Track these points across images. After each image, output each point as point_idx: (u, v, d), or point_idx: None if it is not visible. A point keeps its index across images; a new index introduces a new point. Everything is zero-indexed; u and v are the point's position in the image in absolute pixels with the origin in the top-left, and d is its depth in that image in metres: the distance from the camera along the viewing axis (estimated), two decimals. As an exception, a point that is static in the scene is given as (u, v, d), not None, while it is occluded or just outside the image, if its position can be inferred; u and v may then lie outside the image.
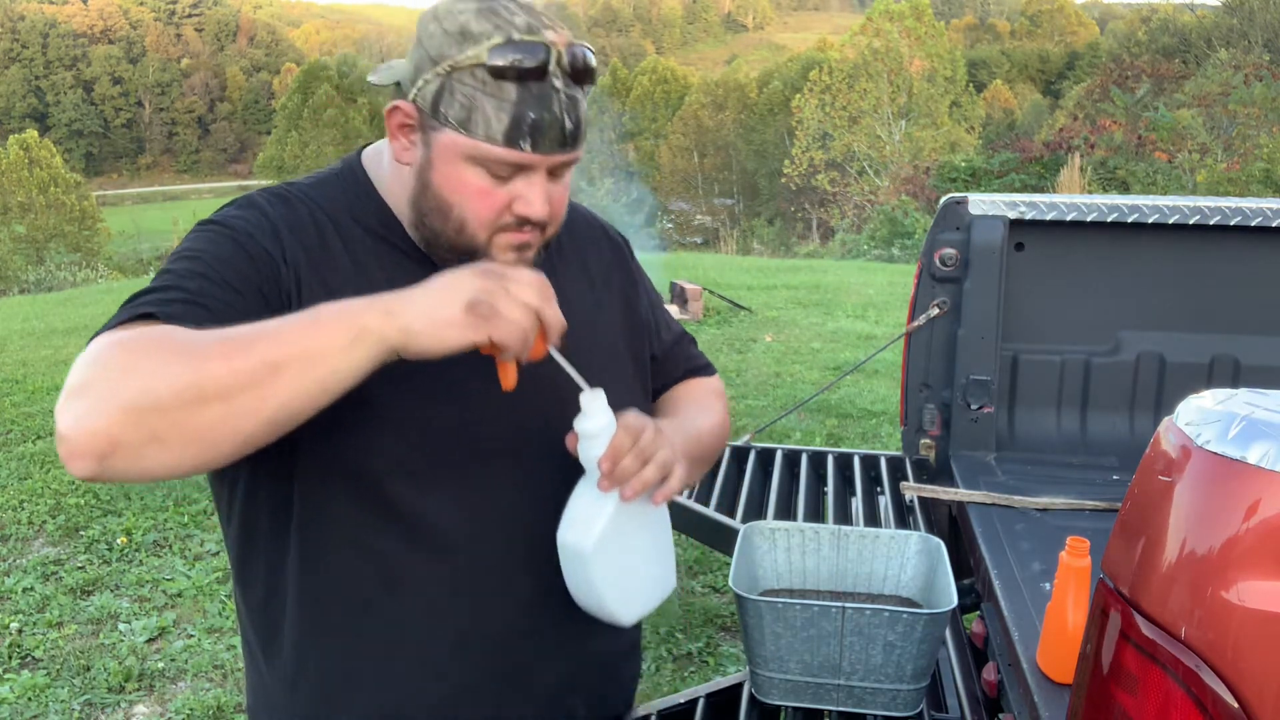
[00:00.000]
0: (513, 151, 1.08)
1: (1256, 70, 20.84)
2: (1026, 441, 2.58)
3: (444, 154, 1.10)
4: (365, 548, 1.17)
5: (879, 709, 1.64)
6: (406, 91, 1.11)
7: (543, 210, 1.12)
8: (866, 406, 6.14)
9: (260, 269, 1.10)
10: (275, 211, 1.16)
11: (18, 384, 6.94)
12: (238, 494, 1.21)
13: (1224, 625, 0.88)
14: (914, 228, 18.21)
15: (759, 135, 48.00)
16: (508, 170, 1.10)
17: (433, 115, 1.09)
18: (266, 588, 1.22)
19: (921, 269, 2.56)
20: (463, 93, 1.07)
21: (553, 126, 1.08)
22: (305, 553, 1.18)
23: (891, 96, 37.12)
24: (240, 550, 1.25)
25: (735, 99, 50.85)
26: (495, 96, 1.06)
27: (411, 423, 1.15)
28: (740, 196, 49.31)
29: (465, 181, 1.11)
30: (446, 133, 1.09)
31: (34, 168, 34.97)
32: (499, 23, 1.07)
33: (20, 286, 19.36)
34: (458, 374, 1.15)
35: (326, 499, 1.17)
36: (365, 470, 1.15)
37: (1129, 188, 16.67)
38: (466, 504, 1.19)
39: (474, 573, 1.20)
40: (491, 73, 1.06)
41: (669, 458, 1.15)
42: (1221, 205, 2.43)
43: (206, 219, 1.17)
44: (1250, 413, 0.91)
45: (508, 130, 1.07)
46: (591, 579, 1.15)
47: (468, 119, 1.07)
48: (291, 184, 1.24)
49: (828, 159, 36.63)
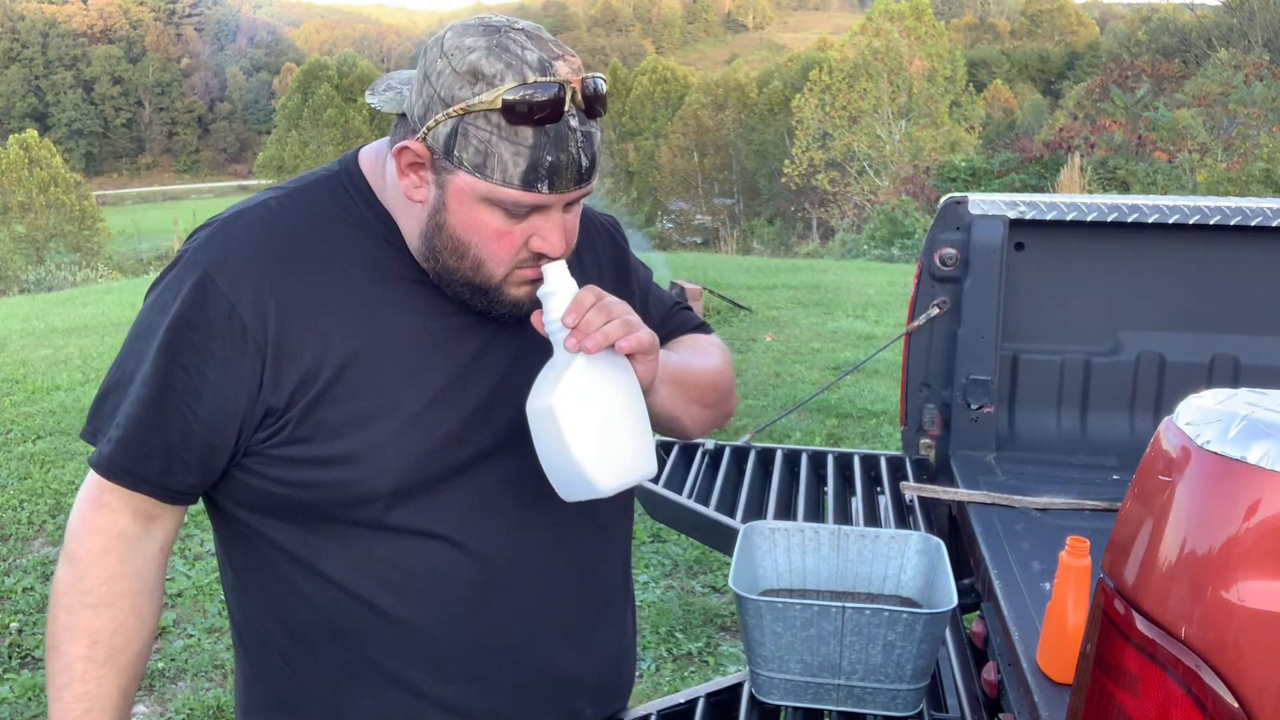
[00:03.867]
0: (530, 194, 1.07)
1: (1256, 70, 20.84)
2: (1026, 441, 2.57)
3: (459, 196, 1.09)
4: (371, 571, 1.17)
5: (879, 709, 1.64)
6: (415, 128, 1.09)
7: (560, 247, 1.12)
8: (866, 406, 6.14)
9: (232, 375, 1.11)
10: (227, 285, 1.11)
11: (18, 384, 6.94)
12: (234, 531, 1.22)
13: (1224, 625, 0.88)
14: (914, 228, 18.21)
15: (759, 135, 47.97)
16: (524, 210, 1.09)
17: (445, 157, 1.07)
18: (267, 608, 1.23)
19: (921, 269, 2.56)
20: (477, 137, 1.05)
21: (569, 166, 1.07)
22: (308, 580, 1.19)
23: (891, 96, 37.11)
24: (234, 578, 1.25)
25: (735, 99, 50.83)
26: (511, 141, 1.05)
27: (399, 454, 1.14)
28: (740, 196, 49.30)
29: (482, 223, 1.10)
30: (461, 175, 1.07)
31: (34, 167, 34.94)
32: (511, 61, 1.04)
33: (20, 286, 19.36)
34: (436, 386, 1.16)
35: (327, 544, 1.17)
36: (360, 517, 1.16)
37: (1129, 188, 16.67)
38: (465, 512, 1.19)
39: (482, 580, 1.20)
40: (507, 118, 1.04)
41: (635, 320, 1.13)
42: (1221, 205, 2.43)
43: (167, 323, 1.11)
44: (1250, 412, 0.91)
45: (525, 174, 1.06)
46: (562, 437, 1.09)
47: (483, 164, 1.06)
48: (281, 194, 1.20)
49: (828, 159, 36.60)
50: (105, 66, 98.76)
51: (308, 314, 1.13)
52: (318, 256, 1.15)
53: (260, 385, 1.11)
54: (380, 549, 1.17)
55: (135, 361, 1.14)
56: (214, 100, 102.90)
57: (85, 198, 36.54)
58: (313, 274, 1.14)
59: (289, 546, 1.18)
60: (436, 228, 1.11)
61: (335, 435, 1.13)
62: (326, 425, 1.13)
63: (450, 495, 1.18)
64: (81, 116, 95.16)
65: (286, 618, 1.22)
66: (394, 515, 1.16)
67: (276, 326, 1.11)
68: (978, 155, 24.33)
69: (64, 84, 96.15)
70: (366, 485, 1.14)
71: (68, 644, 1.15)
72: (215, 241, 1.15)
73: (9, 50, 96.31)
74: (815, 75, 39.16)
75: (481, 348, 1.20)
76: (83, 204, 35.56)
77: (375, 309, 1.16)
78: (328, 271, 1.15)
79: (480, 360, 1.20)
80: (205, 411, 1.12)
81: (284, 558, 1.19)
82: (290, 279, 1.13)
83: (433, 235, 1.12)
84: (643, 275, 1.44)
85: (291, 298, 1.12)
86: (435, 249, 1.13)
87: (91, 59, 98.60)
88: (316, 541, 1.17)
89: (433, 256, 1.14)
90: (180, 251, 1.17)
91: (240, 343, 1.11)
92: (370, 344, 1.14)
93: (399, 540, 1.17)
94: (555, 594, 1.24)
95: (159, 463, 1.13)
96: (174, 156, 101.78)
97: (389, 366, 1.15)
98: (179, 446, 1.13)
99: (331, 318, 1.13)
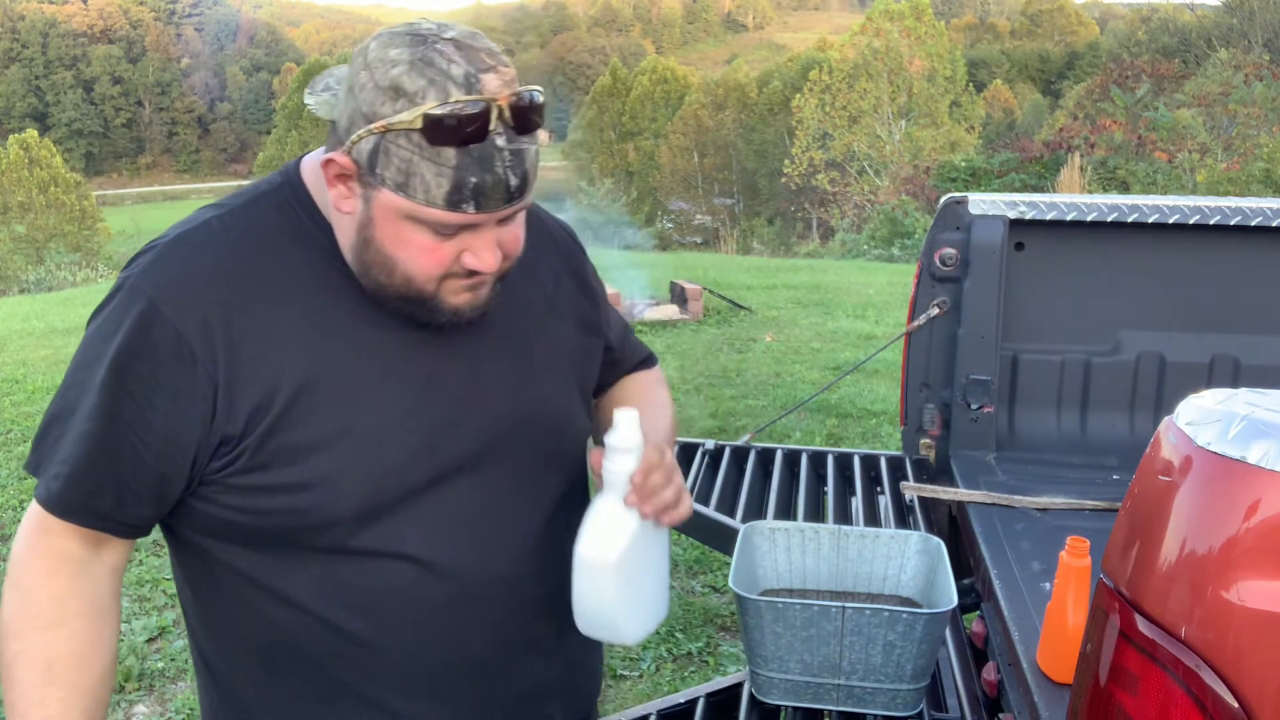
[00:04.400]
0: (455, 215, 1.03)
1: (1256, 70, 20.84)
2: (1026, 441, 2.57)
3: (383, 213, 1.05)
4: (335, 594, 1.15)
5: (879, 709, 1.64)
6: (341, 139, 1.05)
7: (493, 264, 1.08)
8: (866, 406, 6.14)
9: (183, 404, 1.08)
10: (173, 312, 1.08)
11: (18, 384, 6.94)
12: (192, 556, 1.20)
13: (1224, 625, 0.88)
14: (914, 228, 18.20)
15: (759, 135, 47.96)
16: (452, 229, 1.05)
17: (369, 173, 1.03)
18: (230, 633, 1.21)
19: (921, 269, 2.56)
20: (399, 155, 1.01)
21: (496, 187, 1.03)
22: (272, 605, 1.17)
23: (891, 96, 37.11)
24: (195, 603, 1.23)
25: (735, 99, 50.81)
26: (434, 161, 1.00)
27: (361, 476, 1.12)
28: (740, 196, 49.28)
29: (408, 239, 1.06)
30: (385, 192, 1.03)
31: (34, 167, 34.92)
32: (434, 77, 0.99)
33: (20, 286, 19.35)
34: (395, 404, 1.14)
35: (289, 568, 1.15)
36: (324, 542, 1.13)
37: (1129, 188, 16.66)
38: (429, 530, 1.16)
39: (449, 597, 1.18)
40: (428, 138, 0.99)
41: (682, 483, 1.17)
42: (1221, 205, 2.43)
43: (111, 353, 1.08)
44: (1250, 413, 0.91)
45: (449, 195, 1.01)
46: (609, 593, 1.15)
47: (406, 183, 1.01)
48: (224, 212, 1.16)
49: (828, 159, 36.60)
50: (105, 66, 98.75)
51: (259, 338, 1.09)
52: (266, 277, 1.12)
53: (213, 414, 1.08)
54: (344, 572, 1.14)
55: (79, 392, 1.10)
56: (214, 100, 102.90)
57: (85, 198, 36.51)
58: (262, 295, 1.11)
59: (250, 572, 1.15)
60: (365, 242, 1.08)
61: (294, 461, 1.10)
62: (285, 451, 1.09)
63: (414, 514, 1.15)
64: (81, 116, 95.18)
65: (251, 642, 1.19)
66: (358, 539, 1.13)
67: (227, 353, 1.08)
68: (978, 155, 24.32)
69: (64, 84, 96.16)
70: (328, 510, 1.11)
71: (22, 671, 1.10)
72: (158, 267, 1.11)
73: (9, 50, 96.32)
74: (815, 75, 39.16)
75: (439, 360, 1.17)
76: (83, 204, 35.53)
77: (328, 328, 1.12)
78: (277, 292, 1.11)
79: (439, 374, 1.17)
80: (157, 442, 1.09)
81: (245, 583, 1.16)
82: (238, 302, 1.09)
83: (361, 250, 1.09)
84: (601, 291, 1.41)
85: (241, 322, 1.09)
86: (365, 263, 1.09)
87: (91, 59, 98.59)
88: (278, 565, 1.14)
89: (364, 272, 1.10)
90: (122, 278, 1.13)
91: (190, 371, 1.07)
92: (325, 365, 1.11)
93: (363, 562, 1.14)
94: (522, 607, 1.22)
95: (111, 497, 1.11)
96: (174, 156, 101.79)
97: (346, 387, 1.12)
98: (130, 479, 1.10)
99: (284, 340, 1.10)
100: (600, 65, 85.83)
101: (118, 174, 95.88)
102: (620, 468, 1.14)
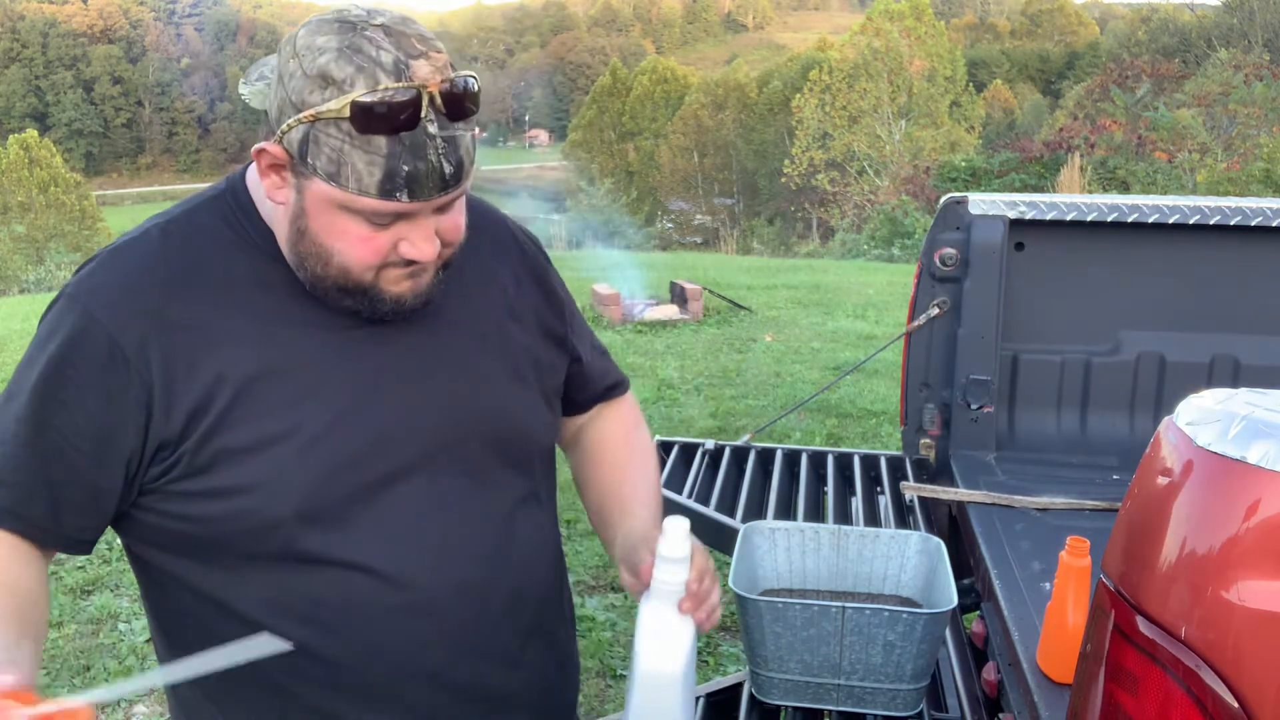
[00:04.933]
0: (389, 203, 1.02)
1: (1256, 70, 20.85)
2: (1026, 441, 2.58)
3: (316, 202, 1.04)
4: (287, 606, 1.13)
5: (879, 709, 1.64)
6: (273, 129, 1.04)
7: (430, 253, 1.07)
8: (866, 406, 6.14)
9: (117, 410, 1.07)
10: (107, 317, 1.07)
11: (18, 384, 6.93)
12: (147, 574, 1.19)
13: (1224, 625, 0.88)
14: (914, 228, 18.19)
15: (759, 135, 47.98)
16: (388, 218, 1.04)
17: (301, 162, 1.02)
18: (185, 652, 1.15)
19: (921, 269, 2.56)
20: (329, 144, 0.99)
21: (430, 175, 1.01)
22: (221, 620, 1.14)
23: (891, 96, 37.10)
24: (154, 623, 1.23)
25: (735, 99, 50.82)
26: (364, 150, 0.99)
27: (300, 477, 1.10)
28: (740, 196, 49.29)
29: (343, 230, 1.04)
30: (317, 182, 1.02)
31: (34, 167, 34.91)
32: (362, 64, 0.98)
33: (20, 286, 19.33)
34: (337, 404, 1.12)
35: (238, 580, 1.13)
36: (268, 548, 1.11)
37: (1129, 188, 16.65)
38: (381, 538, 1.14)
39: (403, 606, 1.15)
40: (357, 126, 0.98)
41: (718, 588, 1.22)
42: (1221, 205, 2.43)
43: (45, 359, 1.07)
44: (1250, 413, 0.91)
45: (381, 183, 1.00)
46: (674, 702, 1.18)
47: (337, 172, 1.00)
48: (165, 220, 1.15)
49: (828, 159, 36.60)
50: (105, 66, 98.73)
51: (196, 342, 1.08)
52: (204, 282, 1.11)
53: (149, 419, 1.07)
54: (293, 582, 1.12)
55: (10, 396, 1.09)
56: (214, 100, 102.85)
57: (85, 198, 36.51)
58: (199, 300, 1.10)
59: (198, 585, 1.14)
60: (299, 233, 1.07)
61: (234, 463, 1.08)
62: (224, 454, 1.08)
63: (363, 519, 1.13)
64: (81, 116, 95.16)
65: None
66: (304, 544, 1.11)
67: (162, 358, 1.07)
68: (978, 155, 24.30)
69: (64, 84, 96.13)
70: (269, 511, 1.09)
71: None
72: (97, 274, 1.11)
73: (9, 50, 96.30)
74: (815, 75, 39.15)
75: (384, 361, 1.15)
76: (83, 204, 35.53)
77: (269, 329, 1.11)
78: (215, 296, 1.10)
79: (383, 375, 1.15)
80: (89, 448, 1.07)
81: (193, 598, 1.14)
82: (175, 308, 1.08)
83: (296, 241, 1.08)
84: (569, 302, 1.39)
85: (176, 327, 1.08)
86: (300, 254, 1.08)
87: (91, 59, 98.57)
88: (226, 579, 1.13)
89: (300, 264, 1.09)
90: (65, 286, 1.13)
91: (123, 376, 1.06)
92: (265, 366, 1.10)
93: (312, 572, 1.12)
94: (480, 615, 1.20)
95: (44, 505, 1.08)
96: (174, 156, 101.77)
97: (287, 388, 1.10)
98: (64, 486, 1.08)
99: (222, 343, 1.09)
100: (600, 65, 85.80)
101: (118, 174, 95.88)
102: (673, 577, 1.17)
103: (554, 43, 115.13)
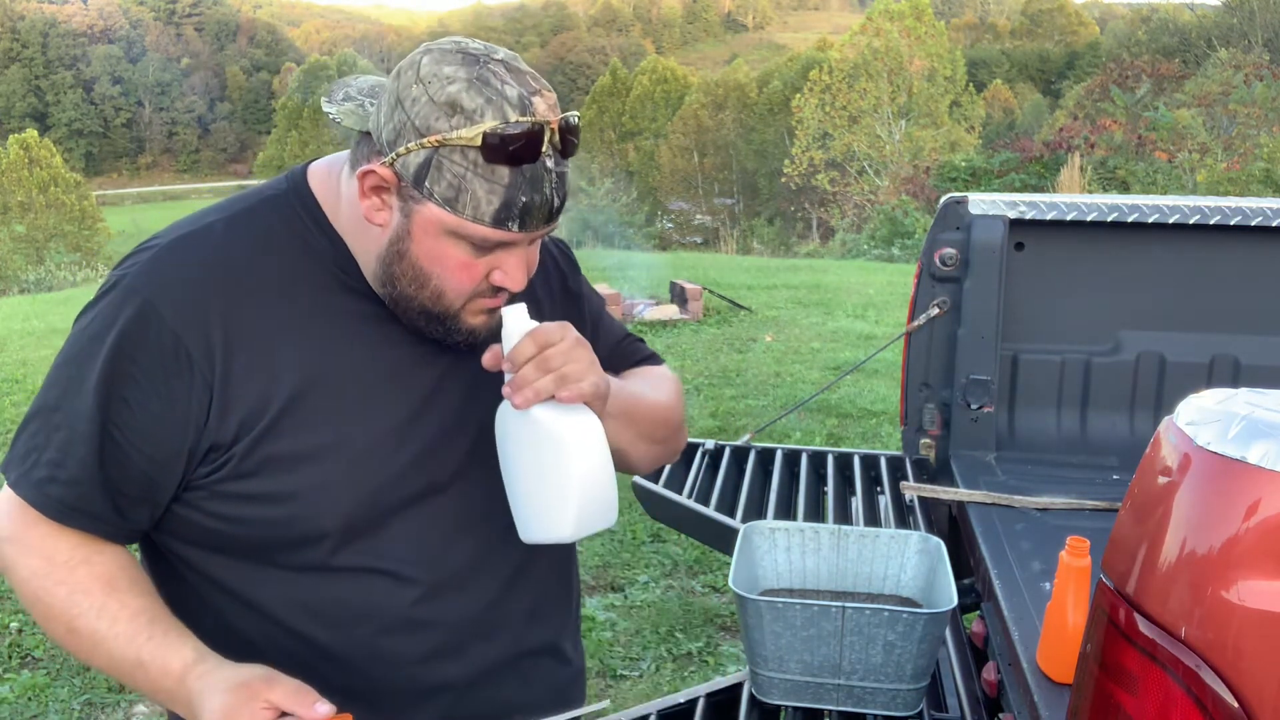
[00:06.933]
0: (500, 232, 1.05)
1: (1256, 70, 20.85)
2: (1026, 441, 2.57)
3: (425, 226, 1.05)
4: (308, 604, 1.14)
5: (879, 709, 1.64)
6: (382, 150, 1.05)
7: (522, 282, 1.10)
8: (866, 406, 6.14)
9: (177, 408, 1.07)
10: (171, 313, 1.07)
11: (18, 384, 6.94)
12: (161, 559, 1.19)
13: (1224, 625, 0.88)
14: (914, 228, 18.19)
15: (759, 135, 47.96)
16: (490, 245, 1.07)
17: (415, 186, 1.04)
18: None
19: (921, 269, 2.56)
20: (452, 171, 1.02)
21: (542, 206, 1.05)
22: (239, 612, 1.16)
23: (891, 96, 37.10)
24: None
25: (735, 99, 50.79)
26: (487, 179, 1.02)
27: (347, 491, 1.11)
28: (740, 196, 49.27)
29: (446, 254, 1.07)
30: (430, 206, 1.04)
31: (34, 167, 34.90)
32: (491, 96, 1.01)
33: (20, 286, 19.33)
34: (388, 421, 1.13)
35: (263, 577, 1.14)
36: (306, 558, 1.12)
37: (1129, 188, 16.65)
38: (414, 543, 1.15)
39: (422, 615, 1.17)
40: (485, 155, 1.01)
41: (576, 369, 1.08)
42: (1221, 205, 2.43)
43: (105, 353, 1.06)
44: (1250, 413, 0.91)
45: (497, 212, 1.03)
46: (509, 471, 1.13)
47: (455, 198, 1.03)
48: (227, 215, 1.15)
49: (828, 159, 36.59)
50: (105, 66, 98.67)
51: (256, 345, 1.09)
52: (266, 284, 1.11)
53: (206, 419, 1.07)
54: (318, 583, 1.13)
55: (62, 390, 1.09)
56: (214, 100, 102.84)
57: (85, 198, 36.48)
58: (261, 303, 1.10)
59: (223, 579, 1.14)
60: (398, 255, 1.08)
61: (281, 471, 1.09)
62: (272, 461, 1.09)
63: (394, 529, 1.14)
64: (81, 116, 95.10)
65: (214, 649, 1.16)
66: (341, 555, 1.12)
67: (223, 358, 1.07)
68: (978, 155, 24.30)
69: (64, 84, 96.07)
70: (312, 523, 1.10)
71: (83, 599, 1.08)
72: (157, 267, 1.10)
73: (9, 50, 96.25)
74: (815, 75, 39.15)
75: (436, 381, 1.17)
76: (83, 204, 35.51)
77: (326, 340, 1.12)
78: (277, 300, 1.11)
79: (435, 395, 1.17)
80: (148, 446, 1.08)
81: (216, 590, 1.15)
82: (237, 308, 1.09)
83: (392, 261, 1.09)
84: (595, 304, 1.40)
85: (239, 328, 1.08)
86: (394, 275, 1.09)
87: (91, 59, 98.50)
88: (254, 575, 1.13)
89: (390, 282, 1.10)
90: (116, 275, 1.11)
91: (186, 374, 1.06)
92: (320, 377, 1.11)
93: (340, 577, 1.13)
94: (496, 628, 1.21)
95: (111, 502, 1.09)
96: (174, 156, 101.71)
97: (340, 400, 1.11)
98: (122, 482, 1.09)
99: (281, 349, 1.10)
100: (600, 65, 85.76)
101: (118, 174, 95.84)
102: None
103: (554, 43, 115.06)
